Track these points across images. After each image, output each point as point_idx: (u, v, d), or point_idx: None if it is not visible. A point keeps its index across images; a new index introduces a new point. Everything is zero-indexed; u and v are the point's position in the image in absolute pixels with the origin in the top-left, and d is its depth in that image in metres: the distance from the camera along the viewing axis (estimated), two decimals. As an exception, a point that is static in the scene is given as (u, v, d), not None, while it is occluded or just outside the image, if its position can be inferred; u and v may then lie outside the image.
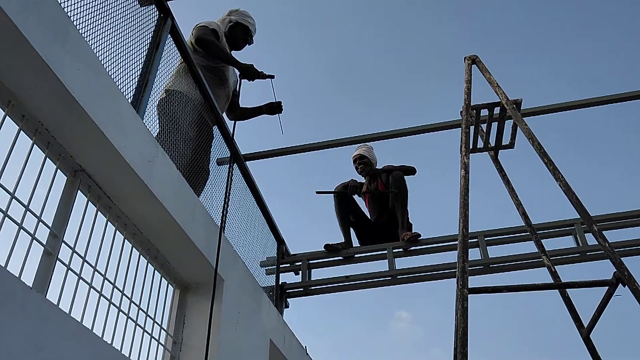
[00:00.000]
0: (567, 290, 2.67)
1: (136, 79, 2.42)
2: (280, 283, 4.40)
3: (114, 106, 2.05)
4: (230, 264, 3.09)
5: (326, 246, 4.45)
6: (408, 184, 4.68)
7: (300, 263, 4.51)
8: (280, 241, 4.57)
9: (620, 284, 2.14)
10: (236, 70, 4.04)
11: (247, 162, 4.07)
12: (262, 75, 4.05)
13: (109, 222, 2.24)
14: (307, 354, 4.48)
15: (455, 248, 4.29)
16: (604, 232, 2.74)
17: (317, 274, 4.57)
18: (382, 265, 4.35)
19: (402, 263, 4.35)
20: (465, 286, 2.13)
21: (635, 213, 4.02)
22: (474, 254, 4.20)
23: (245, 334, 3.20)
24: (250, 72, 3.93)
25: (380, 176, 4.88)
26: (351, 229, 4.71)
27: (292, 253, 4.71)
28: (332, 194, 4.70)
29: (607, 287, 2.23)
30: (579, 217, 4.09)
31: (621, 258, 2.17)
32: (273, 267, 4.39)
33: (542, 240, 3.08)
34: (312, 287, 4.39)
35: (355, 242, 4.75)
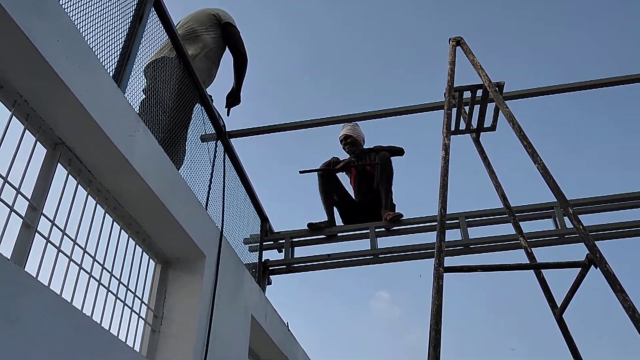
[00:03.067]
0: (542, 271, 2.73)
1: (118, 52, 2.40)
2: (263, 260, 4.44)
3: (94, 79, 2.04)
4: (212, 240, 3.11)
5: (309, 225, 4.48)
6: (394, 165, 4.71)
7: (283, 241, 4.54)
8: (264, 219, 4.59)
9: (592, 266, 2.20)
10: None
11: (231, 140, 4.07)
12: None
13: (89, 196, 2.24)
14: (289, 330, 4.54)
15: (433, 229, 4.36)
16: (579, 215, 2.80)
17: (300, 252, 4.62)
18: (364, 244, 4.40)
19: (384, 242, 4.40)
20: (441, 265, 2.17)
21: (609, 198, 4.09)
22: (455, 235, 4.27)
23: (227, 309, 3.24)
24: (237, 98, 4.12)
25: (369, 155, 4.90)
26: (335, 208, 4.75)
27: (275, 231, 4.74)
28: (317, 173, 4.71)
29: (580, 269, 2.28)
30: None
31: (595, 241, 2.22)
32: (256, 244, 4.42)
33: (522, 223, 3.15)
34: (295, 265, 4.43)
35: (339, 222, 4.80)
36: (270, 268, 4.45)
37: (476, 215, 4.21)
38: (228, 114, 4.20)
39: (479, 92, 3.04)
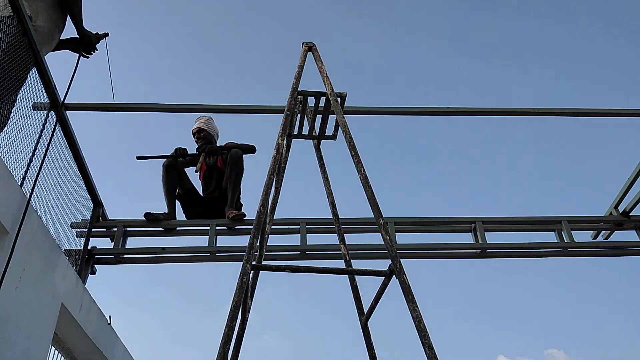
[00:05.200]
0: (356, 279, 2.81)
1: None
2: (89, 248, 4.12)
3: None
4: (19, 217, 2.80)
5: (146, 215, 4.25)
6: (246, 164, 4.65)
7: (116, 229, 4.27)
8: (97, 204, 4.28)
9: (393, 276, 2.29)
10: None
11: (68, 112, 3.74)
12: (99, 37, 3.86)
13: None
14: (110, 324, 4.26)
15: (279, 232, 4.37)
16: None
17: (136, 243, 4.37)
18: (203, 241, 4.27)
19: (224, 241, 4.32)
20: (249, 261, 2.13)
21: (422, 220, 4.48)
22: (295, 240, 4.31)
23: (29, 294, 2.94)
24: (91, 43, 3.76)
25: (222, 152, 4.78)
26: (178, 202, 4.57)
27: (110, 218, 4.44)
28: (162, 164, 4.50)
29: (383, 278, 2.37)
30: (393, 217, 4.42)
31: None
32: (84, 229, 4.10)
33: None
34: (125, 256, 4.18)
35: (182, 216, 4.63)
36: (96, 256, 4.15)
37: (315, 222, 4.28)
38: (88, 56, 3.82)
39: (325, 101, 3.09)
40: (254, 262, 2.17)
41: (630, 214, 4.65)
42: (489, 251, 4.34)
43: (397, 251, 4.27)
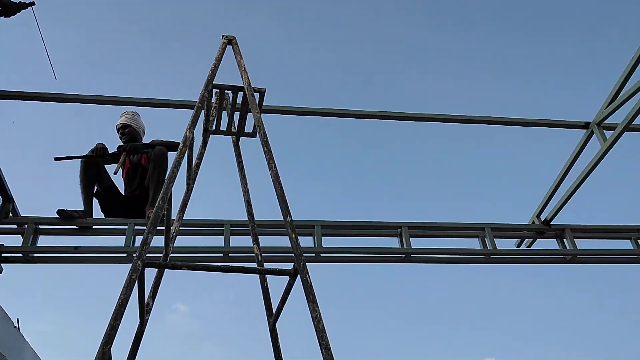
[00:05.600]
0: (266, 279, 2.73)
1: None
2: (-5, 245, 3.86)
3: None
4: None
5: (59, 212, 4.02)
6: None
7: (26, 226, 4.01)
8: (6, 198, 4.02)
9: (298, 275, 2.22)
10: None
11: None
12: (22, 6, 3.65)
13: None
14: (17, 327, 3.99)
15: (203, 233, 4.24)
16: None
17: (50, 242, 4.12)
18: (122, 242, 4.07)
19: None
20: (140, 258, 2.01)
21: (349, 224, 4.45)
22: (219, 242, 4.19)
23: None
24: (9, 7, 3.53)
25: (146, 149, 4.59)
26: (96, 200, 4.36)
27: (23, 215, 4.18)
28: (80, 159, 4.28)
29: (288, 278, 2.30)
30: (319, 219, 4.38)
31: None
32: (-11, 226, 3.84)
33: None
34: (34, 254, 3.93)
35: (100, 215, 4.42)
36: (3, 254, 3.88)
37: (239, 224, 4.17)
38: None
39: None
40: (162, 260, 2.05)
41: (552, 223, 4.78)
42: (413, 256, 4.35)
43: (322, 254, 4.27)
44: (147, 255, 2.06)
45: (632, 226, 4.86)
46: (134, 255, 2.00)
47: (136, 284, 2.19)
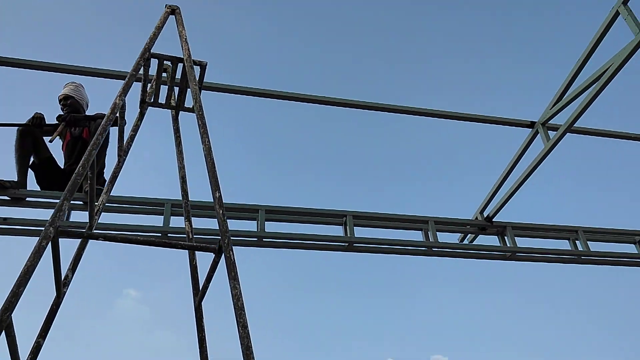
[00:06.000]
0: (196, 257, 2.66)
1: None
2: None
3: None
4: None
5: (-11, 181, 3.83)
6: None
7: (-47, 195, 3.81)
8: None
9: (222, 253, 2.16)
10: None
11: None
12: None
13: None
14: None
15: (142, 212, 4.12)
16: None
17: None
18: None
19: (80, 216, 4.00)
20: (52, 224, 1.91)
21: (294, 210, 4.44)
22: (158, 221, 4.08)
23: None
24: None
25: (89, 122, 4.42)
26: (32, 172, 4.17)
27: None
28: (17, 128, 4.09)
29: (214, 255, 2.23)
30: (265, 204, 4.32)
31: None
32: None
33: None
34: (-42, 224, 3.74)
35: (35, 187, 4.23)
36: None
37: (197, 205, 4.07)
38: None
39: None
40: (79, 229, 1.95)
41: (494, 220, 4.86)
42: (356, 245, 4.34)
43: (265, 239, 4.22)
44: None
45: (571, 227, 4.99)
46: (49, 222, 1.90)
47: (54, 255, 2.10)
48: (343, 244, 4.34)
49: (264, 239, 4.21)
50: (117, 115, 2.75)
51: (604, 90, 3.74)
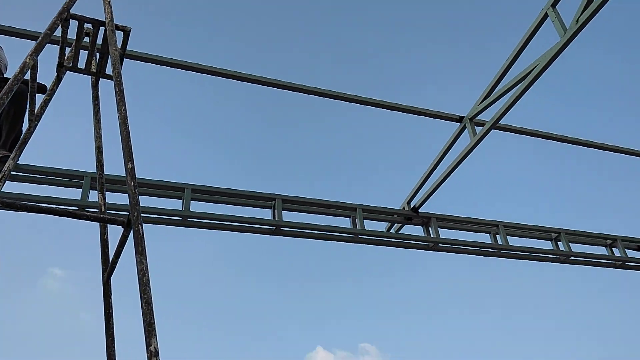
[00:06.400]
0: (108, 231, 2.54)
1: None
2: None
3: None
4: None
5: None
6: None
7: None
8: None
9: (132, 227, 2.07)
10: None
11: None
12: None
13: None
14: None
15: (66, 184, 3.93)
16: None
17: None
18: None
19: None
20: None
21: (222, 191, 4.36)
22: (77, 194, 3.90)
23: None
24: None
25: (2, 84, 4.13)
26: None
27: None
28: None
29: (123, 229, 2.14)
30: (190, 183, 4.20)
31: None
32: None
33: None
34: None
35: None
36: None
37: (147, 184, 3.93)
38: None
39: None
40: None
41: (420, 211, 4.96)
42: (283, 229, 4.32)
43: (190, 219, 4.11)
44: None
45: (492, 221, 5.17)
46: None
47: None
48: (270, 227, 4.30)
49: (188, 219, 4.11)
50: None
51: (529, 89, 3.87)
